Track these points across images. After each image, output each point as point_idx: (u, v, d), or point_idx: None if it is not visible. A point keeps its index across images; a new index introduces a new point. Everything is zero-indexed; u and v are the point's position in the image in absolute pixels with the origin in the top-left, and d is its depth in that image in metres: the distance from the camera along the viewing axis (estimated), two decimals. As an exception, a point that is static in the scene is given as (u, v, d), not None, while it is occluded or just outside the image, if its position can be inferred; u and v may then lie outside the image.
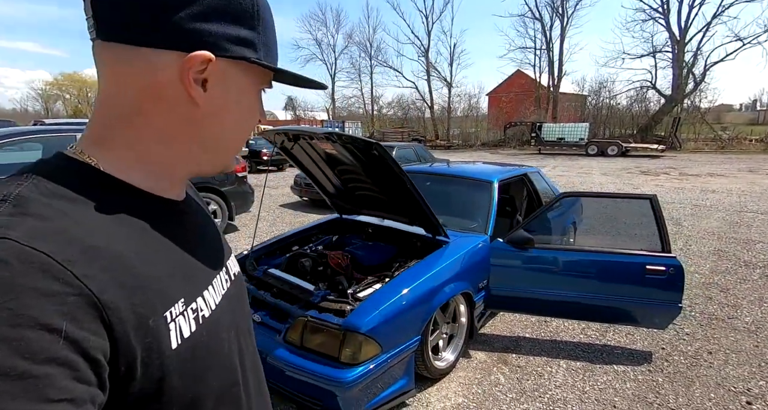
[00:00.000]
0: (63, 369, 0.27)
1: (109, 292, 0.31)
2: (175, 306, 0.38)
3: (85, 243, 0.32)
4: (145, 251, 0.37)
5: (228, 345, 0.45)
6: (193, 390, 0.39)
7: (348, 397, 1.72)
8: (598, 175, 11.55)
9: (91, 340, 0.29)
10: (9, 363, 0.25)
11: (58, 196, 0.34)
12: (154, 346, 0.35)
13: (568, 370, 2.21)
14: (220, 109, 0.41)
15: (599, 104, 27.46)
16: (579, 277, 2.40)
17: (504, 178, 3.15)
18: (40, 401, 0.25)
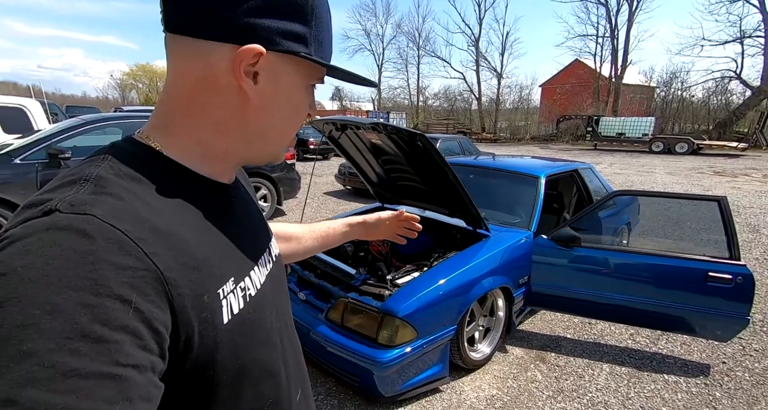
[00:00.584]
0: (131, 337, 0.29)
1: (172, 270, 0.34)
2: (226, 285, 0.40)
3: (153, 224, 0.35)
4: (201, 233, 0.40)
5: (270, 322, 0.48)
6: (241, 362, 0.42)
7: (383, 376, 1.80)
8: (662, 174, 10.59)
9: (155, 313, 0.32)
10: (90, 327, 0.27)
11: (129, 178, 0.37)
12: (209, 320, 0.37)
13: (612, 374, 2.12)
14: (269, 101, 0.43)
15: (669, 97, 24.93)
16: (630, 280, 2.27)
17: (552, 174, 3.03)
18: (111, 364, 0.27)
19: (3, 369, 0.25)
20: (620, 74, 25.14)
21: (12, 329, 0.25)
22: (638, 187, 8.70)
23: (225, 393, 0.41)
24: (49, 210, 0.31)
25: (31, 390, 0.24)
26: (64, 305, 0.27)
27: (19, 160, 3.47)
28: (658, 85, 26.43)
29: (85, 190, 0.34)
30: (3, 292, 0.27)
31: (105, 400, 0.26)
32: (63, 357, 0.26)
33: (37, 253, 0.28)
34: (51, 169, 3.54)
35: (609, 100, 25.03)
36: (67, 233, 0.30)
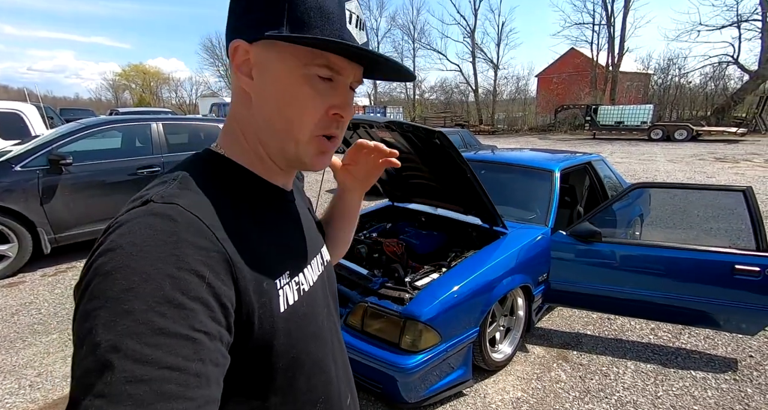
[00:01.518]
0: (204, 308, 0.34)
1: (236, 254, 0.39)
2: (282, 276, 0.45)
3: (222, 214, 0.40)
4: (260, 228, 0.45)
5: (322, 320, 0.52)
6: (295, 351, 0.45)
7: (407, 383, 1.76)
8: (664, 162, 10.54)
9: (224, 289, 0.36)
10: (172, 295, 0.32)
11: (204, 177, 0.43)
12: (267, 305, 0.41)
13: (638, 372, 2.08)
14: (264, 94, 0.45)
15: (666, 83, 24.79)
16: (652, 275, 2.22)
17: (566, 167, 2.96)
18: (189, 328, 0.32)
19: (111, 323, 0.30)
20: (617, 62, 24.95)
21: (119, 292, 0.31)
22: (641, 175, 8.65)
23: (281, 380, 0.44)
24: (147, 200, 0.38)
25: (129, 340, 0.29)
26: (154, 274, 0.32)
27: (20, 167, 3.38)
28: (655, 72, 26.26)
29: (172, 186, 0.40)
30: (113, 263, 0.33)
31: (184, 357, 0.31)
32: (153, 317, 0.31)
33: (136, 233, 0.35)
34: (52, 175, 3.46)
35: (606, 89, 24.88)
36: (158, 218, 0.36)
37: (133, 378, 0.29)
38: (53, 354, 2.32)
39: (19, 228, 3.34)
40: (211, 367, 0.33)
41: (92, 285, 0.33)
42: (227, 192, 0.44)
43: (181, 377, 0.30)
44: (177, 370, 0.30)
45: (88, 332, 0.31)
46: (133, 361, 0.29)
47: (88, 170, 3.68)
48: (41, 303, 2.98)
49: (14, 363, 2.23)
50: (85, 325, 0.31)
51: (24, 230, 3.36)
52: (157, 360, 0.30)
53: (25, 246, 3.40)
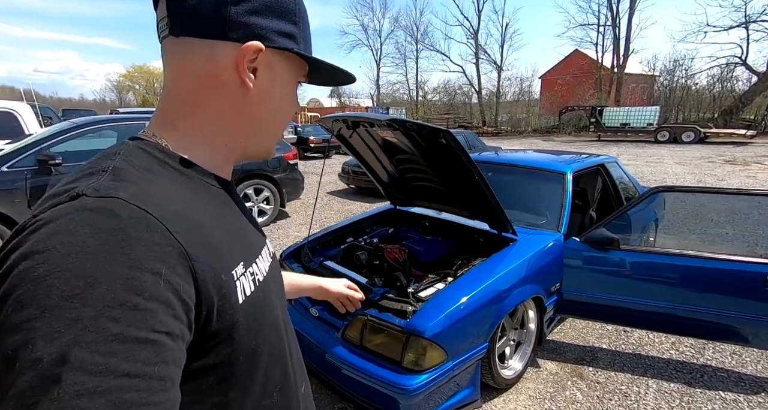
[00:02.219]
0: (164, 307, 0.32)
1: (192, 247, 0.37)
2: (238, 267, 0.43)
3: (170, 207, 0.37)
4: (210, 219, 0.43)
5: (276, 310, 0.51)
6: (255, 342, 0.44)
7: (410, 405, 1.60)
8: (672, 165, 10.35)
9: (183, 285, 0.34)
10: (126, 296, 0.30)
11: (142, 168, 0.40)
12: (226, 297, 0.40)
13: (660, 392, 1.92)
14: (266, 95, 0.47)
15: (672, 85, 24.52)
16: (673, 285, 2.06)
17: (578, 169, 2.81)
18: (148, 330, 0.30)
19: (56, 334, 0.27)
20: (622, 63, 24.74)
21: (60, 299, 0.28)
22: (649, 178, 8.47)
23: (240, 373, 0.43)
24: (76, 194, 0.34)
25: (79, 351, 0.27)
26: (102, 277, 0.30)
27: (6, 167, 3.26)
28: (661, 74, 25.98)
29: (105, 178, 0.36)
30: (46, 267, 0.29)
31: (144, 362, 0.29)
32: (105, 323, 0.28)
33: (72, 232, 0.31)
34: (41, 176, 3.33)
35: (611, 90, 24.66)
36: (96, 214, 0.32)
37: (85, 390, 0.27)
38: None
39: (6, 232, 3.22)
40: (174, 368, 0.32)
41: (18, 292, 0.29)
42: (170, 182, 0.41)
43: (142, 383, 0.29)
44: (137, 377, 0.29)
45: (22, 346, 0.27)
46: (84, 373, 0.27)
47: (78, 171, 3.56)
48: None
49: None
50: (15, 338, 0.27)
51: (9, 232, 3.24)
52: (114, 369, 0.28)
53: (13, 248, 3.27)
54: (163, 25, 0.44)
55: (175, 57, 0.44)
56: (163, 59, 0.46)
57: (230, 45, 0.43)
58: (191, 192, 0.43)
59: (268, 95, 0.47)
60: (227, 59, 0.43)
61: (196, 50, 0.43)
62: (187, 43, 0.43)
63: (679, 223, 4.21)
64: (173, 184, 0.41)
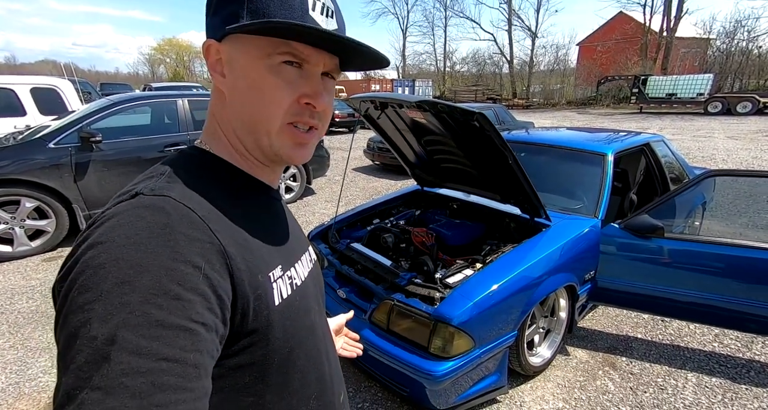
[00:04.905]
0: (201, 299, 0.34)
1: (231, 246, 0.38)
2: (275, 270, 0.45)
3: (213, 207, 0.40)
4: (251, 221, 0.44)
5: (313, 315, 0.51)
6: (290, 344, 0.45)
7: (436, 390, 1.62)
8: (723, 139, 9.54)
9: (220, 281, 0.36)
10: (169, 286, 0.33)
11: (192, 172, 0.43)
12: (262, 298, 0.41)
13: (700, 387, 1.84)
14: (234, 90, 0.45)
15: (730, 49, 22.11)
16: (723, 276, 1.92)
17: (620, 150, 2.61)
18: (186, 318, 0.32)
19: (108, 316, 0.30)
20: (673, 26, 22.46)
21: (114, 285, 0.31)
22: (696, 154, 7.86)
23: (276, 376, 0.44)
24: (135, 193, 0.38)
25: (126, 332, 0.30)
26: (149, 266, 0.32)
27: (53, 144, 3.42)
28: (718, 37, 23.43)
29: (161, 179, 0.41)
30: (105, 256, 0.33)
31: (181, 348, 0.31)
32: (150, 309, 0.31)
33: (127, 226, 0.35)
34: (84, 152, 3.49)
35: (658, 57, 22.62)
36: (149, 210, 0.36)
37: (130, 370, 0.29)
38: (86, 333, 2.37)
39: (56, 205, 3.43)
40: (208, 359, 0.33)
41: (83, 278, 0.32)
42: (215, 185, 0.44)
43: (179, 368, 0.31)
44: (175, 362, 0.31)
45: (83, 325, 0.30)
46: (130, 353, 0.29)
47: (117, 147, 3.69)
48: (77, 279, 3.07)
49: (49, 341, 2.29)
50: (79, 318, 0.31)
51: (60, 207, 3.45)
52: (155, 352, 0.30)
53: (62, 222, 3.50)
54: None
55: None
56: None
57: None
58: (234, 196, 0.45)
59: (235, 89, 0.45)
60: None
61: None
62: None
63: (729, 205, 3.89)
64: (218, 187, 0.44)
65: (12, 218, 3.28)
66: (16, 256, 3.38)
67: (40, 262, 3.34)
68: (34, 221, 3.41)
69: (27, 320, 2.47)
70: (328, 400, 0.54)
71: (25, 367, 2.04)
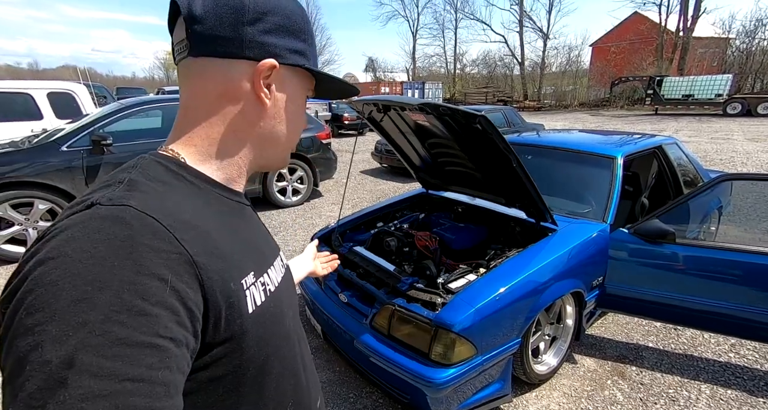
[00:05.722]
0: (168, 313, 0.33)
1: (200, 255, 0.37)
2: (248, 276, 0.44)
3: (180, 216, 0.39)
4: (221, 229, 0.43)
5: (288, 321, 0.51)
6: (265, 352, 0.44)
7: (438, 397, 1.59)
8: (742, 141, 9.26)
9: (189, 293, 0.35)
10: (132, 301, 0.31)
11: (156, 180, 0.41)
12: (235, 306, 0.40)
13: (715, 399, 1.76)
14: (280, 110, 0.49)
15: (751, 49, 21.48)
16: (743, 284, 1.84)
17: (631, 152, 2.55)
18: (153, 335, 0.31)
19: (63, 337, 0.28)
20: (690, 26, 21.96)
21: (70, 303, 0.29)
22: (713, 157, 7.64)
23: (250, 386, 0.43)
24: (91, 203, 0.35)
25: (85, 354, 0.28)
26: (110, 282, 0.30)
27: (66, 147, 3.51)
28: (738, 36, 22.79)
29: (120, 188, 0.38)
30: (58, 272, 0.30)
31: (148, 366, 0.30)
32: (111, 327, 0.29)
33: (83, 239, 0.32)
34: (95, 155, 3.57)
35: (675, 58, 22.13)
36: (108, 221, 0.34)
37: (90, 394, 0.27)
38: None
39: (68, 208, 3.51)
40: (178, 375, 0.32)
41: (31, 297, 0.30)
42: (181, 193, 0.43)
43: (146, 388, 0.29)
44: (141, 381, 0.29)
45: (33, 349, 0.28)
46: (90, 376, 0.28)
47: (128, 150, 3.76)
48: (88, 280, 3.12)
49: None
50: (28, 341, 0.29)
51: (73, 209, 3.53)
52: (118, 373, 0.28)
53: (74, 224, 3.58)
54: (180, 47, 0.46)
55: (194, 77, 0.46)
56: (179, 79, 0.48)
57: (246, 63, 0.46)
58: (203, 203, 0.44)
59: (281, 110, 0.50)
60: (243, 77, 0.46)
61: (214, 69, 0.45)
62: (205, 63, 0.45)
63: (748, 210, 3.76)
64: (186, 195, 0.43)
65: (26, 219, 3.37)
66: (30, 257, 3.47)
67: (53, 263, 3.42)
68: (47, 223, 3.49)
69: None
70: (305, 406, 0.54)
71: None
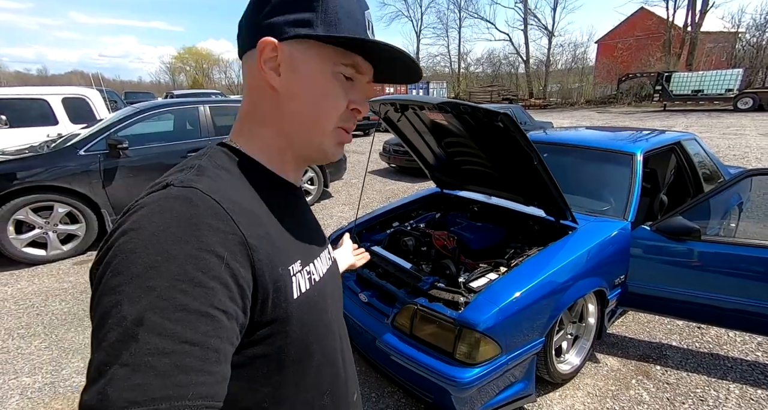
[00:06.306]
0: (223, 288, 0.36)
1: (253, 238, 0.40)
2: (295, 264, 0.46)
3: (238, 200, 0.42)
4: (273, 216, 0.46)
5: (330, 312, 0.53)
6: (307, 339, 0.47)
7: (462, 397, 1.58)
8: (755, 137, 9.10)
9: (241, 271, 0.38)
10: (193, 273, 0.34)
11: (220, 167, 0.46)
12: (281, 290, 0.42)
13: (744, 399, 1.73)
14: (294, 90, 0.47)
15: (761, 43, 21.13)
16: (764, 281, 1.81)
17: (650, 149, 2.52)
18: (208, 305, 0.34)
19: (137, 298, 0.32)
20: (699, 21, 21.66)
21: (143, 269, 0.33)
22: (726, 153, 7.53)
23: (292, 369, 0.46)
24: (166, 184, 0.40)
25: (153, 315, 0.32)
26: (176, 254, 0.34)
27: (83, 151, 3.56)
28: (748, 30, 22.44)
29: (190, 173, 0.43)
30: (136, 242, 0.35)
31: (203, 333, 0.33)
32: (175, 294, 0.33)
33: (158, 215, 0.37)
34: (111, 159, 3.61)
35: (683, 53, 21.84)
36: (178, 200, 0.38)
37: (155, 350, 0.30)
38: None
39: (86, 210, 3.56)
40: (228, 345, 0.35)
41: (115, 261, 0.34)
42: (241, 180, 0.46)
43: (200, 352, 0.32)
44: (196, 345, 0.32)
45: (114, 305, 0.32)
46: (155, 335, 0.31)
47: (142, 154, 3.81)
48: (106, 282, 3.16)
49: (81, 342, 2.36)
50: (111, 299, 0.33)
51: (90, 211, 3.58)
52: (179, 335, 0.31)
53: (91, 226, 3.63)
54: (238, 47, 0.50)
55: (243, 73, 0.50)
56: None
57: (254, 50, 0.46)
58: (258, 190, 0.47)
59: (296, 90, 0.47)
60: (255, 64, 0.46)
61: (244, 65, 0.49)
62: (245, 59, 0.49)
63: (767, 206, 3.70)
64: (243, 181, 0.46)
65: (46, 223, 3.42)
66: (50, 260, 3.52)
67: (71, 266, 3.47)
68: (66, 226, 3.54)
69: (60, 321, 2.56)
70: (341, 397, 0.55)
71: (59, 367, 2.11)
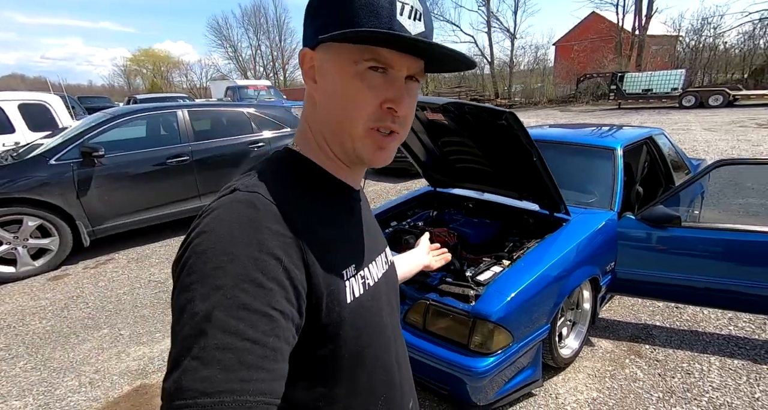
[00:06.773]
0: (280, 289, 0.36)
1: (309, 242, 0.41)
2: (348, 268, 0.46)
3: (294, 204, 0.43)
4: (329, 220, 0.47)
5: (385, 316, 0.52)
6: (360, 344, 0.47)
7: (477, 386, 1.65)
8: (700, 131, 9.92)
9: (297, 273, 0.39)
10: (254, 274, 0.35)
11: (280, 171, 0.48)
12: (335, 294, 0.43)
13: (725, 369, 1.92)
14: (324, 95, 0.47)
15: (699, 45, 23.05)
16: (741, 263, 2.01)
17: (628, 143, 2.72)
18: (267, 305, 0.35)
19: (206, 296, 0.34)
20: (645, 25, 23.29)
21: (212, 269, 0.36)
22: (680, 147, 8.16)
23: (345, 371, 0.46)
24: (234, 189, 0.43)
25: (220, 312, 0.34)
26: (239, 255, 0.36)
27: (55, 160, 3.34)
28: (687, 34, 24.41)
29: (254, 177, 0.45)
30: (207, 244, 0.37)
31: (263, 332, 0.34)
32: (238, 293, 0.34)
33: (225, 218, 0.39)
34: (86, 167, 3.41)
35: (632, 55, 23.39)
36: (243, 204, 0.40)
37: (222, 345, 0.32)
38: (107, 350, 2.32)
39: (59, 222, 3.34)
40: (284, 345, 0.36)
41: (190, 262, 0.37)
42: (300, 184, 0.47)
43: (260, 350, 0.33)
44: (257, 343, 0.33)
45: (188, 302, 0.35)
46: (221, 331, 0.33)
47: (119, 161, 3.62)
48: (87, 296, 2.99)
49: (71, 359, 2.23)
50: (186, 296, 0.35)
51: (64, 224, 3.36)
52: (241, 332, 0.33)
53: (65, 239, 3.40)
54: None
55: None
56: None
57: None
58: (316, 194, 0.48)
59: (325, 94, 0.47)
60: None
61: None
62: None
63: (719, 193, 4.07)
64: (302, 185, 0.47)
65: (14, 238, 3.18)
66: (20, 277, 3.27)
67: (46, 282, 3.24)
68: (37, 240, 3.31)
69: (44, 340, 2.40)
70: (396, 404, 0.55)
71: (51, 388, 1.99)
